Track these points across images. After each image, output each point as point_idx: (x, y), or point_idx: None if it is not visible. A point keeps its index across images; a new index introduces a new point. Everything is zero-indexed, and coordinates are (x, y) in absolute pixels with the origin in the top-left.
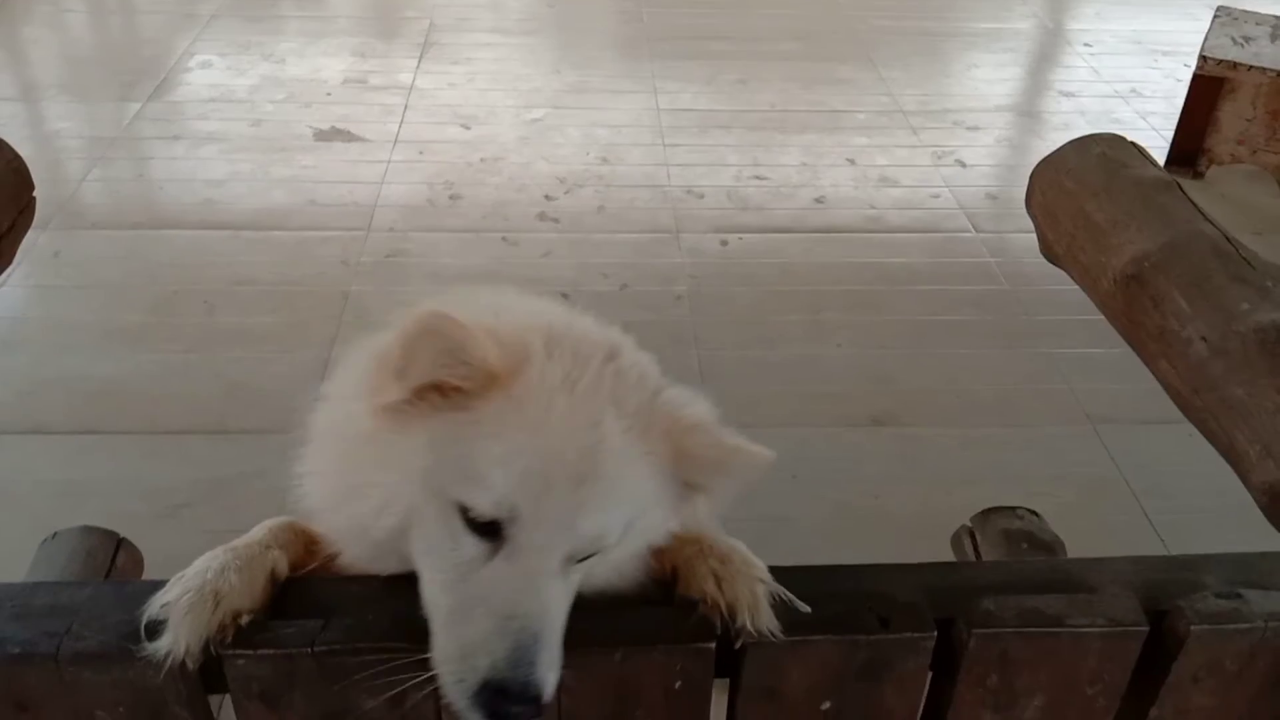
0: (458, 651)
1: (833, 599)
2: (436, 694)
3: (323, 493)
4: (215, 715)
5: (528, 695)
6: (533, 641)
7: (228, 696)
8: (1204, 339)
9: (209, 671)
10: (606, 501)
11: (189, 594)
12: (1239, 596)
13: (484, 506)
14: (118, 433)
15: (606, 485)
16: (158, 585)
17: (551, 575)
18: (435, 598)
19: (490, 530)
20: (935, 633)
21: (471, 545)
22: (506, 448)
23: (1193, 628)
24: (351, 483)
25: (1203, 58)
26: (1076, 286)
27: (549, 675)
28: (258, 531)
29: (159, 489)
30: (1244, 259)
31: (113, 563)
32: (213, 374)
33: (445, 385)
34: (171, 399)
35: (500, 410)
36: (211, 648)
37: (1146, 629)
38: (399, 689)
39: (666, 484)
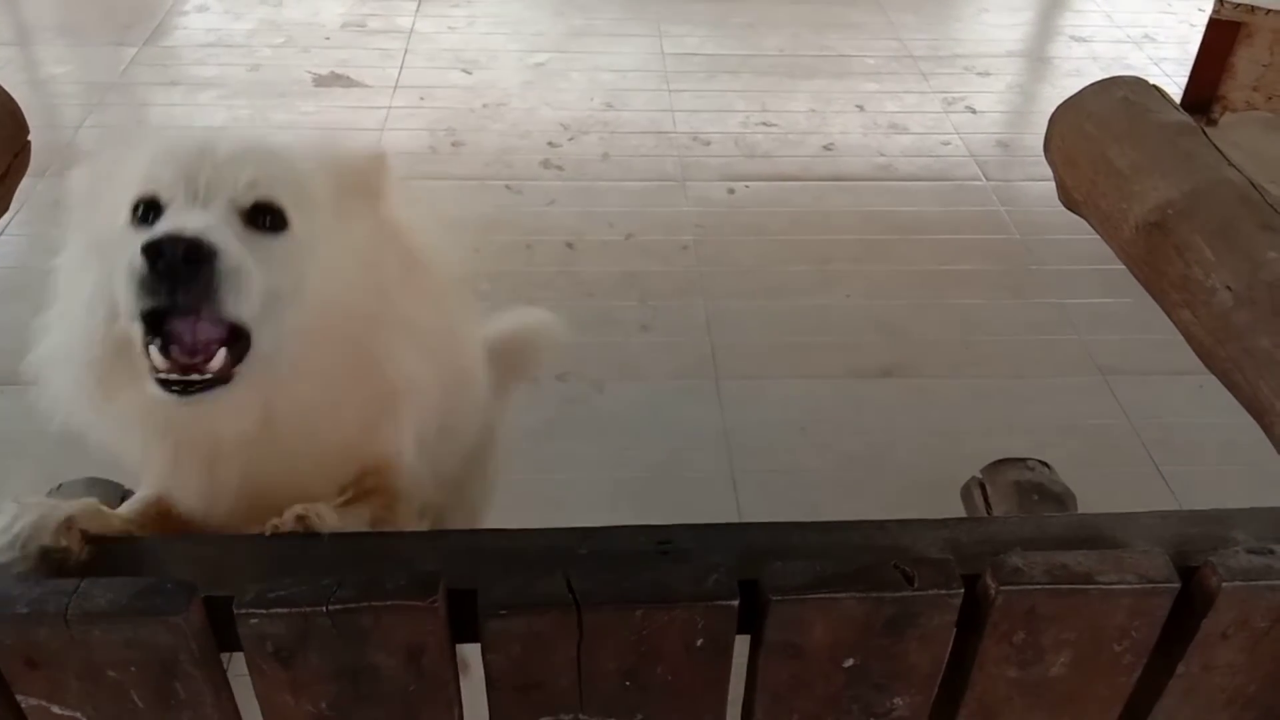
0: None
1: (857, 553)
2: (454, 653)
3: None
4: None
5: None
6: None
7: (240, 654)
8: (1229, 288)
9: (222, 629)
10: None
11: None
12: (1271, 553)
13: (144, 192)
14: None
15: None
16: (165, 542)
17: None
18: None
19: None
20: (963, 589)
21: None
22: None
23: (1224, 584)
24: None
25: (1219, 1)
26: (1087, 236)
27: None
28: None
29: None
30: (1270, 206)
31: None
32: None
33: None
34: None
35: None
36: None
37: (1178, 586)
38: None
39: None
